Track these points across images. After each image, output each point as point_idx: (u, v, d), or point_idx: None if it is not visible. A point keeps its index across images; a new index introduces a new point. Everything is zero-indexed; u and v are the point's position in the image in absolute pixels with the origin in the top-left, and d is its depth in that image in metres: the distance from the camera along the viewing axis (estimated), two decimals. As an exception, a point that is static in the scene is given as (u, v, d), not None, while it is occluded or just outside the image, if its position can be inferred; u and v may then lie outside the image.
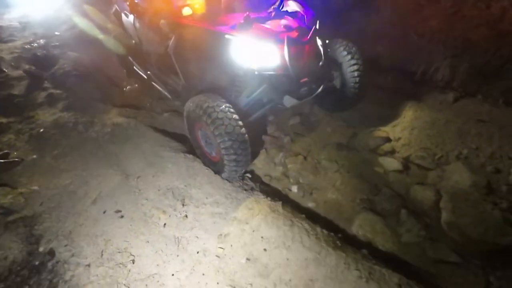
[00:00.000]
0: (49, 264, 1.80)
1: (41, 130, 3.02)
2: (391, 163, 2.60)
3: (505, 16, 3.27)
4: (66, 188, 2.37)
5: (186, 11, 2.77)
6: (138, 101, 4.07)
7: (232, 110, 2.08)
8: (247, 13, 2.22)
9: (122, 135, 2.93)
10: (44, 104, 3.57)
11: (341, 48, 2.59)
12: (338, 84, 2.73)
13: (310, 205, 2.43)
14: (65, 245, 1.90)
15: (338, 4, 4.42)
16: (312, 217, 2.17)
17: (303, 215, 2.10)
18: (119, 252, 1.86)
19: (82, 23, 5.52)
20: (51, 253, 1.86)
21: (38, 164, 2.60)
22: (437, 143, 2.55)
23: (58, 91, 3.79)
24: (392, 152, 2.70)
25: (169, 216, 2.08)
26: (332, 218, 2.31)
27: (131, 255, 1.84)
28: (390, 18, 4.13)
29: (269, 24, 2.16)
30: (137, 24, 3.06)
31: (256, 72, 2.06)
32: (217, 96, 2.14)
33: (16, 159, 2.57)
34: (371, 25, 4.24)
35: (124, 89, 4.33)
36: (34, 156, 2.68)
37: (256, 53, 1.99)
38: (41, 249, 1.88)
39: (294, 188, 2.56)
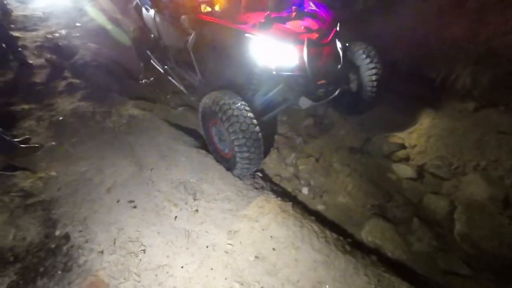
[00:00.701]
0: (64, 248, 1.86)
1: (60, 118, 3.11)
2: (405, 170, 2.56)
3: (533, 26, 3.15)
4: (83, 175, 2.43)
5: (206, 7, 2.81)
6: (154, 94, 4.14)
7: (247, 108, 2.09)
8: (268, 12, 2.22)
9: (137, 126, 2.99)
10: (64, 92, 3.67)
11: (360, 51, 2.56)
12: (354, 87, 2.70)
13: (320, 207, 2.43)
14: (80, 231, 1.96)
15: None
16: (321, 219, 2.17)
17: (313, 217, 2.10)
18: (131, 241, 1.90)
19: (97, 15, 5.66)
20: (67, 237, 1.92)
21: (56, 150, 2.69)
22: (454, 152, 2.49)
23: (77, 81, 3.89)
24: (406, 159, 2.66)
25: (180, 209, 2.11)
26: (342, 222, 2.30)
27: (142, 245, 1.88)
28: (411, 22, 4.05)
29: (289, 25, 2.15)
30: (158, 19, 3.11)
31: (274, 72, 2.06)
32: (234, 94, 2.15)
33: (36, 145, 2.66)
34: (390, 29, 4.16)
35: (141, 82, 4.40)
36: (53, 143, 2.76)
37: (275, 53, 1.99)
38: (57, 232, 1.95)
39: (305, 190, 2.56)
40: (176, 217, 2.06)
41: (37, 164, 2.51)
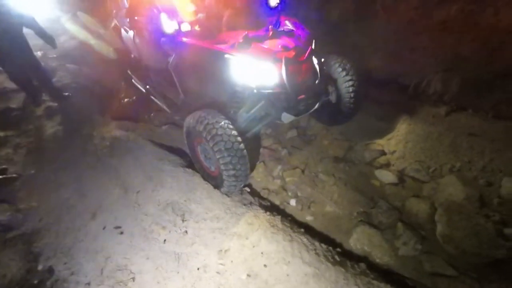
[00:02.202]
0: (48, 283, 1.79)
1: (40, 143, 3.03)
2: (387, 176, 2.66)
3: (494, 33, 3.41)
4: (65, 202, 2.37)
5: (185, 27, 2.85)
6: (137, 114, 4.11)
7: (231, 126, 2.12)
8: (246, 32, 2.29)
9: (121, 148, 2.95)
10: (42, 117, 3.57)
11: (336, 65, 2.67)
12: (334, 99, 2.80)
13: (308, 218, 2.46)
14: (64, 263, 1.90)
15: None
16: (310, 231, 2.21)
17: (302, 230, 2.13)
18: (119, 269, 1.86)
19: (77, 32, 5.58)
20: (50, 271, 1.85)
21: (36, 178, 2.60)
22: (431, 156, 2.62)
23: (56, 104, 3.80)
24: (387, 165, 2.77)
25: (169, 231, 2.09)
26: (330, 231, 2.35)
27: (131, 272, 1.84)
28: (384, 33, 4.27)
29: (267, 44, 2.23)
30: (137, 40, 3.12)
31: (255, 90, 2.11)
32: (217, 112, 2.18)
33: (14, 175, 2.57)
34: (365, 40, 4.37)
35: (122, 101, 4.36)
36: (33, 171, 2.68)
37: (255, 72, 2.05)
38: (40, 267, 1.88)
39: (293, 202, 2.59)
40: (165, 240, 2.03)
41: (16, 194, 2.42)
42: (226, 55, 2.11)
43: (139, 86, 3.71)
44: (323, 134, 3.20)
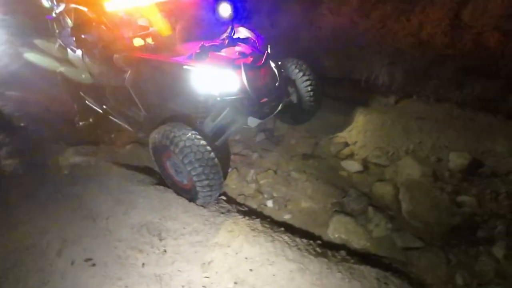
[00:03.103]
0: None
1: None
2: (353, 165, 2.84)
3: (422, 27, 3.86)
4: (24, 242, 2.14)
5: (138, 42, 2.79)
6: (95, 136, 3.87)
7: (198, 136, 2.12)
8: (202, 42, 2.32)
9: (82, 175, 2.76)
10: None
11: (293, 67, 2.80)
12: (295, 99, 2.93)
13: (287, 217, 2.52)
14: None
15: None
16: (290, 228, 2.26)
17: (282, 228, 2.18)
18: (96, 304, 1.73)
19: (43, 62, 5.10)
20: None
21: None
22: (388, 141, 2.85)
23: (1, 136, 3.45)
24: (351, 155, 2.95)
25: (147, 254, 1.99)
26: (309, 226, 2.42)
27: (110, 304, 1.72)
28: (332, 33, 4.59)
29: (224, 52, 2.27)
30: (87, 59, 2.97)
31: (218, 98, 2.14)
32: (182, 125, 2.16)
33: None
34: (316, 41, 4.65)
35: (77, 125, 4.07)
36: (-19, 215, 2.38)
37: (216, 80, 2.07)
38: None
39: (269, 203, 2.64)
40: (143, 264, 1.94)
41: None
42: (185, 67, 2.11)
43: (94, 107, 3.50)
44: (289, 133, 3.32)
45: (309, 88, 2.81)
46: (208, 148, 2.09)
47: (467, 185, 2.41)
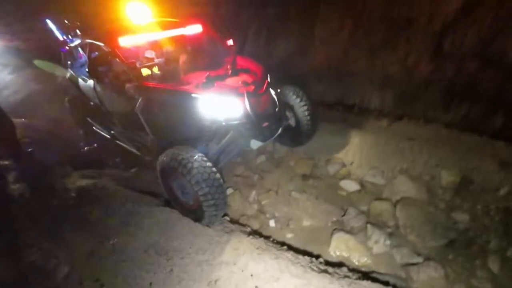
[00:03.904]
0: None
1: (-7, 207, 2.77)
2: (350, 185, 2.96)
3: (408, 56, 4.18)
4: (32, 265, 2.18)
5: (145, 72, 3.02)
6: (100, 160, 3.99)
7: (205, 158, 2.25)
8: (208, 72, 2.54)
9: (89, 197, 2.84)
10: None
11: (291, 93, 3.02)
12: (293, 123, 3.12)
13: (289, 236, 2.60)
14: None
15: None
16: (293, 247, 2.33)
17: (285, 247, 2.25)
18: (105, 324, 1.75)
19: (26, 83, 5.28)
20: None
21: (-7, 246, 2.36)
22: (383, 161, 3.01)
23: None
24: (349, 175, 3.09)
25: (154, 273, 2.04)
26: (311, 244, 2.49)
27: (118, 324, 1.75)
28: (325, 62, 4.92)
29: (228, 81, 2.49)
30: (98, 88, 3.17)
31: (223, 123, 2.31)
32: (189, 148, 2.30)
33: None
34: (311, 68, 4.97)
35: (83, 150, 4.20)
36: (-12, 238, 2.42)
37: (221, 107, 2.26)
38: None
39: (272, 223, 2.72)
40: (151, 283, 1.98)
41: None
42: (193, 95, 2.30)
43: (102, 133, 3.66)
44: (289, 155, 3.47)
45: (306, 113, 3.01)
46: (214, 169, 2.22)
47: (460, 201, 2.54)
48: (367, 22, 4.52)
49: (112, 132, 3.39)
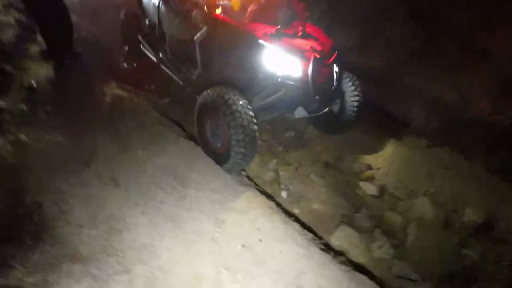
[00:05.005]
0: (36, 217, 1.69)
1: (33, 82, 2.84)
2: (370, 188, 2.91)
3: (471, 89, 3.96)
4: (58, 145, 2.24)
5: (218, 9, 2.93)
6: (136, 82, 4.01)
7: (249, 107, 2.23)
8: (279, 26, 2.45)
9: (123, 107, 2.89)
10: (36, 58, 3.34)
11: (347, 79, 2.92)
12: (337, 109, 3.03)
13: (296, 211, 2.60)
14: (55, 202, 1.81)
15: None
16: (300, 220, 2.34)
17: (293, 217, 2.26)
18: (113, 218, 1.82)
19: None
20: (39, 205, 1.75)
21: (28, 116, 2.42)
22: (410, 178, 2.93)
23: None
24: (372, 179, 3.03)
25: (167, 194, 2.09)
26: (314, 227, 2.49)
27: (126, 223, 1.81)
28: (382, 65, 4.71)
29: (296, 42, 2.40)
30: (163, 8, 3.12)
31: (279, 79, 2.25)
32: (238, 91, 2.28)
33: (4, 107, 2.38)
34: (364, 67, 4.77)
35: (123, 66, 4.22)
36: (24, 108, 2.50)
37: (284, 63, 2.20)
38: (27, 200, 1.76)
39: (284, 194, 2.72)
40: (162, 201, 2.04)
41: (5, 126, 2.23)
42: (260, 41, 2.23)
43: (149, 54, 3.65)
44: (318, 140, 3.41)
45: (355, 104, 2.92)
46: (254, 120, 2.20)
47: (475, 242, 2.47)
48: (441, 40, 4.27)
49: (160, 56, 3.37)
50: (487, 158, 3.15)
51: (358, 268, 2.06)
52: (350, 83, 2.91)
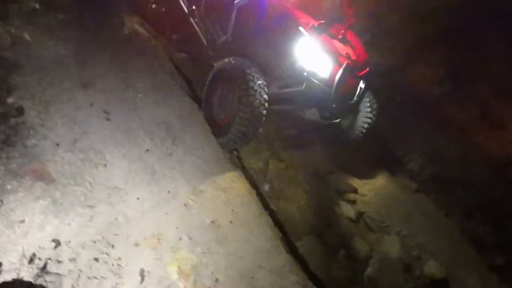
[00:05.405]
0: (13, 120, 1.58)
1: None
2: (349, 211, 2.91)
3: (475, 153, 3.98)
4: (59, 58, 2.10)
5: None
6: (160, 25, 3.82)
7: (266, 90, 2.14)
8: (323, 21, 2.34)
9: (137, 45, 2.73)
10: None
11: (367, 99, 2.86)
12: (346, 124, 2.99)
13: (273, 207, 2.56)
14: (38, 112, 1.69)
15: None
16: (275, 216, 2.31)
17: (269, 212, 2.22)
18: (93, 149, 1.72)
19: None
20: (20, 110, 1.63)
21: (36, 16, 2.26)
22: (389, 214, 2.95)
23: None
24: (353, 202, 3.03)
25: (155, 145, 2.00)
26: (286, 227, 2.47)
27: (104, 159, 1.72)
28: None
29: (335, 43, 2.31)
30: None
31: (305, 73, 2.16)
32: (260, 70, 2.18)
33: None
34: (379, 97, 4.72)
35: (152, 6, 4.01)
36: (37, 6, 2.32)
37: (316, 59, 2.11)
38: (9, 100, 1.64)
39: (266, 187, 2.68)
40: (147, 150, 1.95)
41: (11, 17, 2.07)
42: (300, 28, 2.13)
43: (182, 2, 3.46)
44: (316, 147, 3.37)
45: (365, 125, 2.88)
46: (266, 105, 2.12)
47: (427, 293, 2.52)
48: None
49: (193, 8, 3.19)
50: (464, 220, 3.20)
51: (314, 281, 2.05)
52: (369, 104, 2.86)
